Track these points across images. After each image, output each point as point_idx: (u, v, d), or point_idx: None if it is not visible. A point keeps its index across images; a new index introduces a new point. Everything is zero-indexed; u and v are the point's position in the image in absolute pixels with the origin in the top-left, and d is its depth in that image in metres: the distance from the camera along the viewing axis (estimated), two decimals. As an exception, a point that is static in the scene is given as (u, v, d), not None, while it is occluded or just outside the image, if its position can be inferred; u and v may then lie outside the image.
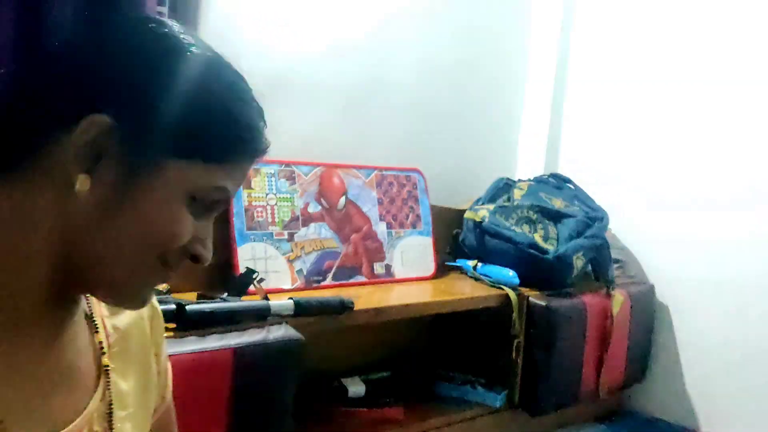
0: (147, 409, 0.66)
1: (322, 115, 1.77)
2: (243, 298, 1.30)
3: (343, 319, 1.34)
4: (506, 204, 1.90)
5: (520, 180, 2.09)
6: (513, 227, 1.82)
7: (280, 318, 1.23)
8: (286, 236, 1.52)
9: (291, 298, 1.26)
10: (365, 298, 1.53)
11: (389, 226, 1.74)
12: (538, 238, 1.83)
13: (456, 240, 1.97)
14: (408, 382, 1.82)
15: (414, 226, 1.80)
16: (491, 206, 1.88)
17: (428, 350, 1.94)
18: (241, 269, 1.38)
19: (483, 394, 1.74)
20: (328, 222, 1.61)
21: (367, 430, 1.52)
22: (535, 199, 1.97)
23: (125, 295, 0.57)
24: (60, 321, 0.57)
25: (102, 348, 0.61)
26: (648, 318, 2.06)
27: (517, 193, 2.02)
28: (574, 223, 1.90)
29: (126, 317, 0.65)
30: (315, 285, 1.54)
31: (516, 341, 1.72)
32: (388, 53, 1.91)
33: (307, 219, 1.57)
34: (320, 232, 1.59)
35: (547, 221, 1.90)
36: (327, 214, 1.61)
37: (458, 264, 1.89)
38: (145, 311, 0.68)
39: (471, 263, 1.84)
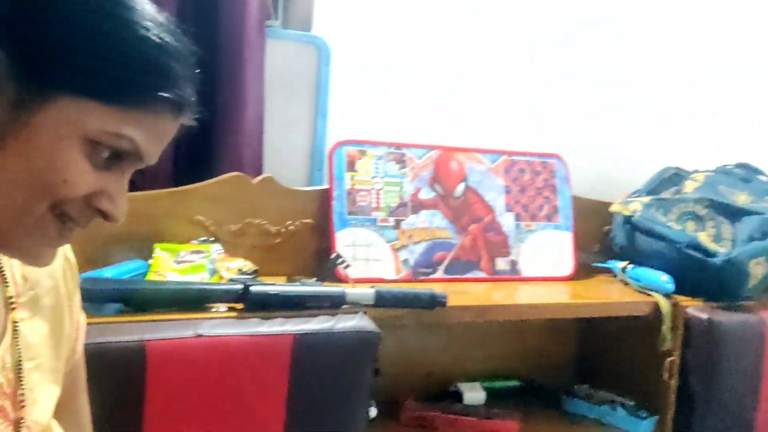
0: (58, 359, 0.63)
1: (436, 93, 1.64)
2: (328, 282, 1.23)
3: (437, 316, 1.20)
4: (667, 197, 1.60)
5: (695, 170, 1.76)
6: (671, 223, 1.52)
7: (358, 307, 1.13)
8: (391, 223, 1.41)
9: (373, 287, 1.15)
10: (479, 295, 1.37)
11: (518, 217, 1.55)
12: (704, 237, 1.51)
13: (606, 238, 1.71)
14: (538, 395, 1.61)
15: (549, 219, 1.59)
16: (647, 199, 1.60)
17: (567, 362, 1.71)
18: (332, 255, 1.30)
19: (625, 419, 1.48)
20: (443, 210, 1.47)
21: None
22: (712, 192, 1.63)
23: (18, 249, 0.52)
24: None
25: (12, 303, 0.58)
26: None
27: (689, 185, 1.70)
28: (759, 221, 1.54)
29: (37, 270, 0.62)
30: (423, 278, 1.42)
31: (668, 360, 1.43)
32: (508, 16, 1.71)
33: (417, 206, 1.45)
34: (432, 221, 1.45)
35: (720, 218, 1.56)
36: (442, 201, 1.48)
37: (607, 265, 1.64)
38: (58, 262, 0.64)
39: (620, 264, 1.58)
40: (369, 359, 1.08)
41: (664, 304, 1.42)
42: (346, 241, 1.36)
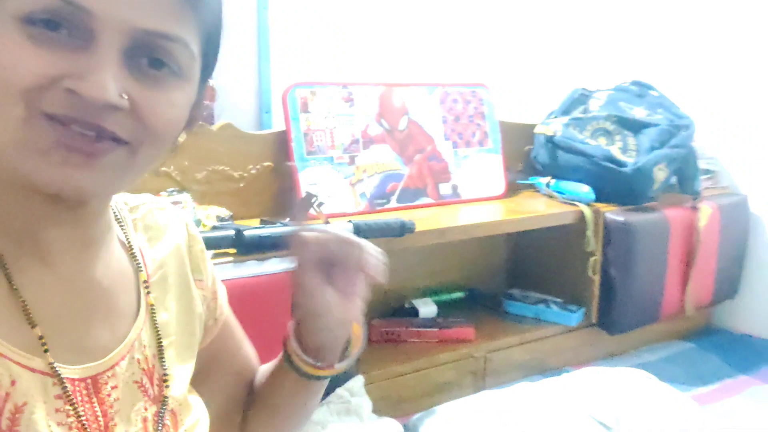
0: (190, 336, 0.64)
1: (378, 33, 1.71)
2: (304, 222, 1.31)
3: (406, 242, 1.33)
4: (581, 116, 1.79)
5: (597, 90, 1.96)
6: (588, 140, 1.72)
7: (340, 241, 1.22)
8: (347, 160, 1.50)
9: (350, 221, 1.25)
10: (431, 219, 1.50)
11: (455, 145, 1.69)
12: (615, 150, 1.72)
13: (528, 157, 1.89)
14: (480, 302, 1.80)
15: (481, 144, 1.74)
16: (565, 119, 1.78)
17: (502, 270, 1.91)
18: (302, 194, 1.38)
19: (558, 314, 1.70)
20: (390, 143, 1.57)
21: (439, 349, 1.53)
22: (614, 108, 1.85)
23: (29, 173, 0.47)
24: (79, 243, 0.55)
25: (147, 287, 0.60)
26: (740, 231, 1.93)
27: (593, 104, 1.90)
28: (657, 132, 1.77)
29: (163, 247, 0.64)
30: (378, 208, 1.53)
31: (592, 259, 1.66)
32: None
33: (368, 141, 1.54)
34: (382, 154, 1.56)
35: (625, 132, 1.77)
36: (389, 136, 1.58)
37: (530, 182, 1.82)
38: (181, 238, 0.66)
39: (543, 180, 1.77)
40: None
41: (588, 212, 1.63)
42: (308, 180, 1.44)
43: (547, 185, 1.74)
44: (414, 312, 1.68)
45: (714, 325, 2.04)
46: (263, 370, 0.75)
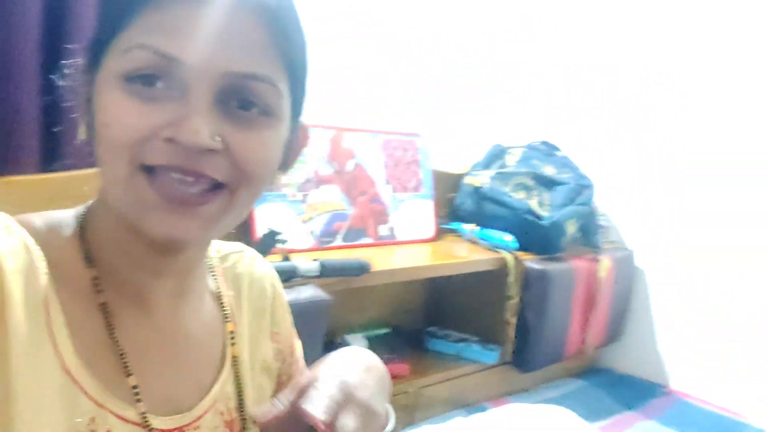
0: (259, 389, 0.66)
1: (327, 78, 1.78)
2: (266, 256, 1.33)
3: (361, 281, 1.39)
4: (504, 171, 1.96)
5: (512, 146, 2.15)
6: (511, 193, 1.88)
7: (305, 279, 1.27)
8: (300, 197, 1.54)
9: (316, 260, 1.30)
10: (373, 259, 1.58)
11: (394, 189, 1.78)
12: (534, 204, 1.90)
13: (451, 203, 2.03)
14: (406, 339, 1.89)
15: (416, 189, 1.85)
16: (490, 172, 1.94)
17: (423, 309, 2.02)
18: (260, 231, 1.40)
19: (478, 352, 1.83)
20: (338, 184, 1.64)
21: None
22: (528, 165, 2.04)
23: (139, 221, 0.50)
24: (177, 293, 0.57)
25: (232, 338, 0.62)
26: (628, 282, 2.18)
27: (509, 159, 2.09)
28: (567, 190, 1.97)
29: (249, 299, 0.66)
30: (326, 246, 1.58)
31: (511, 302, 1.81)
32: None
33: (318, 181, 1.60)
34: (331, 195, 1.62)
35: (541, 188, 1.97)
36: (337, 177, 1.64)
37: (453, 227, 1.95)
38: (267, 292, 0.68)
39: (468, 227, 1.91)
40: (324, 322, 1.24)
41: (510, 259, 1.78)
42: (264, 217, 1.46)
43: (473, 232, 1.88)
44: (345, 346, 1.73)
45: (600, 365, 2.27)
46: None
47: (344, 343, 1.74)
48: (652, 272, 2.21)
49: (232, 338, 0.62)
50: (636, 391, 2.06)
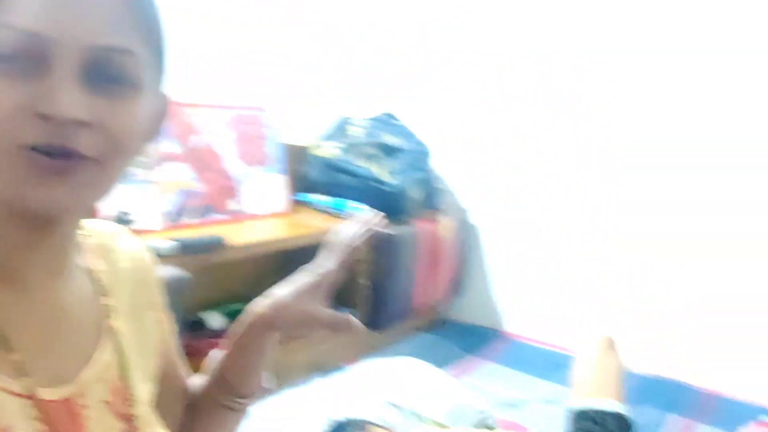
0: (147, 357, 0.67)
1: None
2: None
3: (218, 256, 1.41)
4: (352, 141, 2.04)
5: (355, 117, 2.24)
6: (359, 163, 1.97)
7: (161, 258, 1.26)
8: (148, 177, 1.51)
9: (173, 239, 1.30)
10: (227, 235, 1.59)
11: (243, 163, 1.80)
12: (379, 171, 2.00)
13: (300, 176, 2.08)
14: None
15: (265, 163, 1.87)
16: (338, 144, 2.01)
17: (282, 281, 2.05)
18: (108, 213, 1.37)
19: (333, 316, 1.91)
20: (185, 161, 1.62)
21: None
22: (373, 136, 2.14)
23: (5, 194, 0.51)
24: (52, 268, 0.58)
25: (109, 311, 0.63)
26: (465, 239, 2.37)
27: (354, 130, 2.17)
28: (408, 157, 2.10)
29: (121, 272, 0.66)
30: (178, 224, 1.57)
31: (362, 266, 1.91)
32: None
33: (165, 159, 1.57)
34: (179, 172, 1.60)
35: (384, 156, 2.07)
36: (183, 154, 1.62)
37: (304, 199, 2.01)
38: (139, 264, 0.69)
39: (320, 197, 1.97)
40: (185, 300, 1.25)
41: (361, 226, 1.87)
42: (113, 198, 1.42)
43: (325, 203, 1.95)
44: (200, 324, 1.74)
45: (445, 318, 2.46)
46: (194, 390, 0.80)
47: (199, 321, 1.75)
48: (486, 229, 2.42)
49: (108, 311, 0.64)
50: (477, 338, 2.26)
